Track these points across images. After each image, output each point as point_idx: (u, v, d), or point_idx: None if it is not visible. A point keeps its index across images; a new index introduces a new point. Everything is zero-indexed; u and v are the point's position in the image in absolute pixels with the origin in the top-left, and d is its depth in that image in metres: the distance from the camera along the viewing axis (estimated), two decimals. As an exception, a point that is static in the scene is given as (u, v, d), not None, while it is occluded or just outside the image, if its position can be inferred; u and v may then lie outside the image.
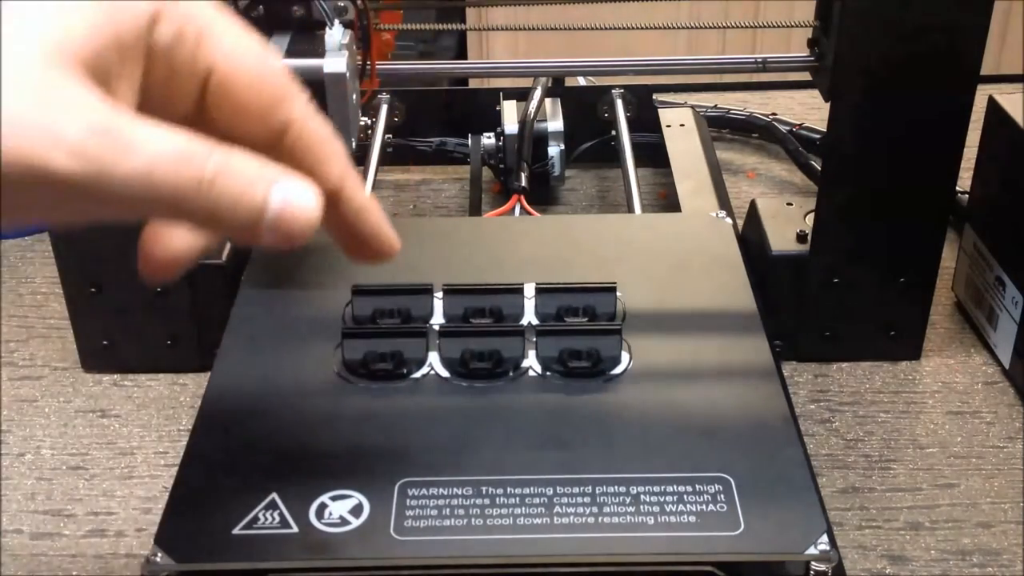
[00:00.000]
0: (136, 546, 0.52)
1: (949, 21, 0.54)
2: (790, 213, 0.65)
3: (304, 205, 0.30)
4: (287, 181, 0.30)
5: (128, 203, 0.29)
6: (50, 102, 0.27)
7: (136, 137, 0.28)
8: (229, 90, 0.32)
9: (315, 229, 0.31)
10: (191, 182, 0.29)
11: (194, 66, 0.32)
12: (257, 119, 0.33)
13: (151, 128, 0.29)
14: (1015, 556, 0.51)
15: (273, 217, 0.30)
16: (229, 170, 0.29)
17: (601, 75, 0.86)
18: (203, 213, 0.29)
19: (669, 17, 0.78)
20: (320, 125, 0.34)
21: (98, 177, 0.27)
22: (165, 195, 0.29)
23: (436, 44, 1.70)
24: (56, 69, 0.28)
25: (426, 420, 0.44)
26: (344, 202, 0.34)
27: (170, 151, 0.28)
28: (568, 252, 0.55)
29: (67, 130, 0.27)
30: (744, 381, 0.46)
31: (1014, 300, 0.61)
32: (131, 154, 0.28)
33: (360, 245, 0.36)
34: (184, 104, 0.32)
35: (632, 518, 0.39)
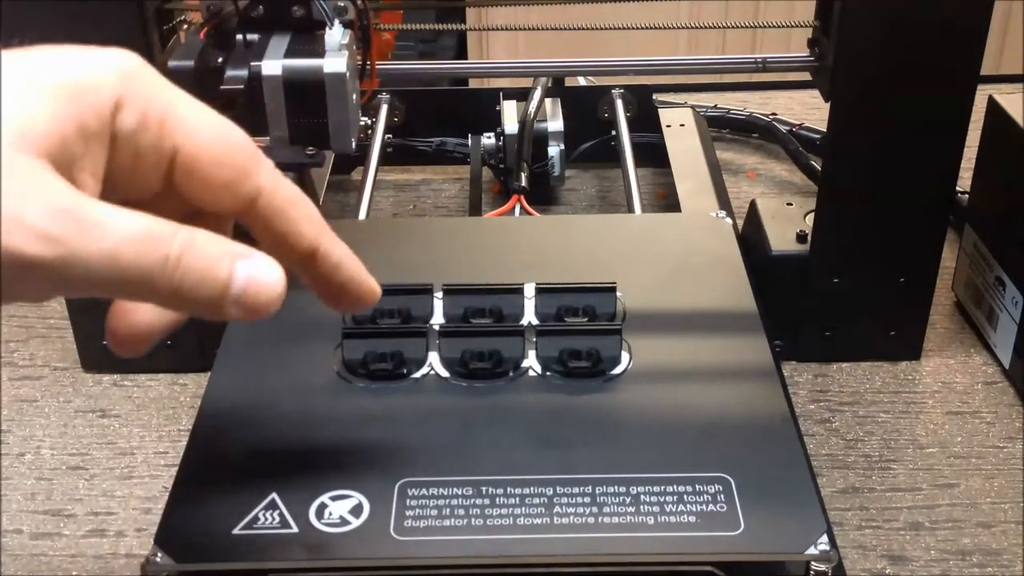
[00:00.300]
0: (136, 546, 0.52)
1: (949, 21, 0.54)
2: (790, 213, 0.65)
3: (268, 280, 0.31)
4: (250, 258, 0.31)
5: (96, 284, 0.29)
6: (15, 189, 0.28)
7: (100, 220, 0.29)
8: (195, 168, 0.33)
9: (280, 303, 0.32)
10: (157, 262, 0.30)
11: (159, 148, 0.32)
12: (225, 193, 0.33)
13: (115, 211, 0.29)
14: (1015, 556, 0.51)
15: (238, 293, 0.31)
16: (193, 249, 0.30)
17: (601, 75, 0.86)
18: (168, 292, 0.30)
19: (669, 17, 0.78)
20: (288, 188, 0.34)
21: (65, 260, 0.28)
22: (132, 276, 0.29)
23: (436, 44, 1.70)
24: (20, 157, 0.28)
25: (426, 420, 0.44)
26: (321, 259, 0.35)
27: (135, 233, 0.29)
28: (568, 252, 0.55)
29: (33, 215, 0.28)
30: (744, 381, 0.46)
31: (1014, 300, 0.61)
32: (97, 237, 0.29)
33: (341, 296, 0.37)
34: (151, 183, 0.33)
35: (632, 518, 0.39)
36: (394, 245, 0.56)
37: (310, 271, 0.35)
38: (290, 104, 0.51)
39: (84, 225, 0.29)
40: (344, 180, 0.85)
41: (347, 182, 0.85)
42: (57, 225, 0.28)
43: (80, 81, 0.30)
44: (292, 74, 0.51)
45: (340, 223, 0.70)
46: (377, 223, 0.72)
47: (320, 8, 0.54)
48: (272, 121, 0.51)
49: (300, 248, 0.35)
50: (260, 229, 0.34)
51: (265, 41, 0.53)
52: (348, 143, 0.53)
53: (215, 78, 0.51)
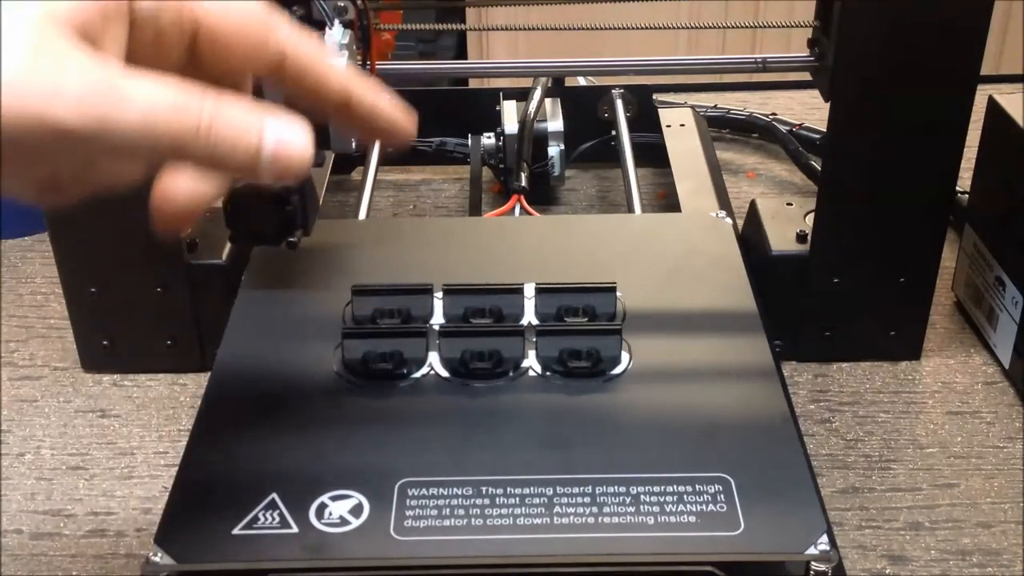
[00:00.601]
0: (136, 546, 0.52)
1: (949, 21, 0.54)
2: (790, 213, 0.65)
3: (296, 141, 0.32)
4: (277, 121, 0.32)
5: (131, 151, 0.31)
6: (49, 61, 0.29)
7: (132, 89, 0.30)
8: (218, 40, 0.33)
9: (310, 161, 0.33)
10: (189, 129, 0.30)
11: (180, 25, 0.33)
12: (250, 59, 0.34)
13: (145, 80, 0.30)
14: (1015, 556, 0.51)
15: (270, 155, 0.32)
16: (222, 115, 0.31)
17: (601, 75, 0.86)
18: (204, 156, 0.31)
19: (669, 17, 0.78)
20: (311, 45, 0.35)
21: (100, 128, 0.29)
22: (165, 142, 0.30)
23: (436, 44, 1.70)
24: (52, 29, 0.29)
25: (426, 420, 0.44)
26: (355, 105, 0.36)
27: (165, 101, 0.30)
28: (568, 252, 0.55)
29: (68, 85, 0.29)
30: (744, 381, 0.46)
31: (1014, 300, 0.61)
32: (129, 105, 0.30)
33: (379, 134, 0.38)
34: (174, 59, 0.34)
35: (632, 518, 0.39)
36: (394, 245, 0.56)
37: (347, 118, 0.37)
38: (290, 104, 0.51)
39: (116, 94, 0.29)
40: (344, 180, 0.85)
41: (347, 182, 0.85)
42: (92, 94, 0.29)
43: None
44: (292, 74, 0.51)
45: (340, 223, 0.70)
46: (377, 223, 0.72)
47: (320, 8, 0.54)
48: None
49: (332, 100, 0.36)
50: (291, 88, 0.35)
51: None
52: (348, 143, 0.53)
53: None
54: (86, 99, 0.29)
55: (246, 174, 0.32)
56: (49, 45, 0.29)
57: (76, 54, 0.30)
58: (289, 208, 0.49)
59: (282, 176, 0.33)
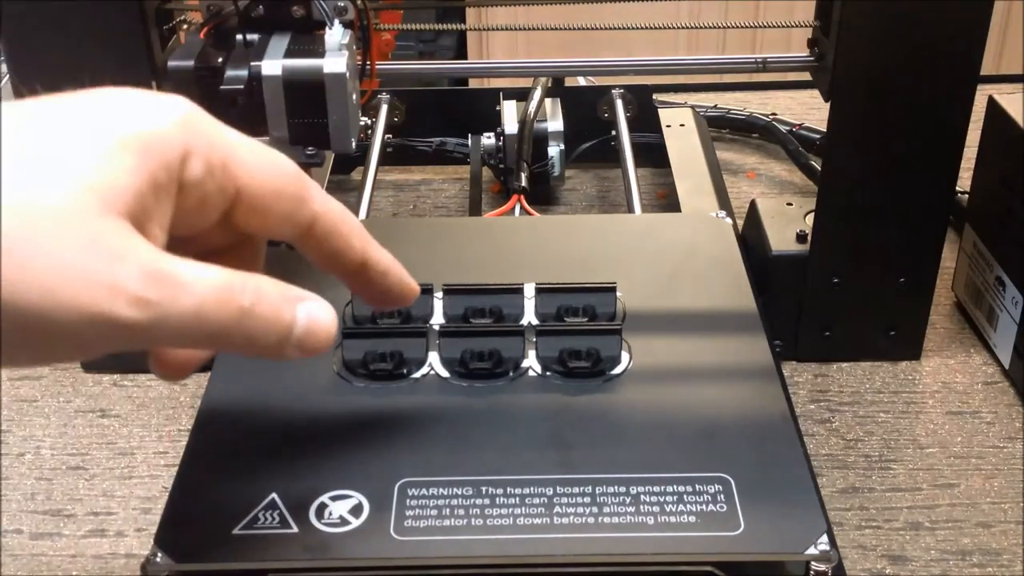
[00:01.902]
0: (136, 546, 0.52)
1: (949, 21, 0.54)
2: (790, 213, 0.65)
3: (324, 321, 0.34)
4: (308, 301, 0.34)
5: (178, 341, 0.31)
6: (108, 254, 0.29)
7: (185, 279, 0.30)
8: (256, 205, 0.34)
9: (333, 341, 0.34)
10: (234, 316, 0.31)
11: (223, 192, 0.33)
12: (284, 223, 0.35)
13: (193, 267, 0.31)
14: (1015, 556, 0.51)
15: (300, 336, 0.33)
16: (261, 298, 0.32)
17: (601, 75, 0.86)
18: (241, 340, 0.32)
19: (669, 17, 0.78)
20: (336, 208, 0.36)
21: (155, 322, 0.30)
22: (212, 331, 0.31)
23: (436, 44, 1.70)
24: (106, 219, 0.29)
25: (426, 420, 0.44)
26: (371, 269, 0.38)
27: (214, 289, 0.31)
28: (568, 252, 0.55)
29: (127, 281, 0.29)
30: (744, 381, 0.46)
31: (1014, 300, 0.61)
32: (183, 296, 0.30)
33: (386, 298, 0.39)
34: (210, 222, 0.34)
35: (632, 518, 0.39)
36: (394, 245, 0.56)
37: (359, 280, 0.38)
38: (290, 104, 0.51)
39: (172, 286, 0.30)
40: (344, 180, 0.85)
41: (347, 182, 0.85)
42: (149, 289, 0.29)
43: (149, 135, 0.31)
44: (292, 74, 0.51)
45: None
46: (377, 223, 0.72)
47: (320, 8, 0.54)
48: (272, 121, 0.51)
49: (352, 263, 0.37)
50: (314, 249, 0.36)
51: (265, 41, 0.53)
52: (348, 143, 0.53)
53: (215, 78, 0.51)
54: (143, 293, 0.29)
55: (271, 355, 0.33)
56: (106, 238, 0.29)
57: (132, 244, 0.30)
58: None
59: (307, 354, 0.34)
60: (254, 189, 0.34)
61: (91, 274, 0.28)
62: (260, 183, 0.34)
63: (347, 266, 0.37)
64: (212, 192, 0.33)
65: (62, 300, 0.28)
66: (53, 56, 0.55)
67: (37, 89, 0.32)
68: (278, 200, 0.35)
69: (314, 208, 0.35)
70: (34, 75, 0.56)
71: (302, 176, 0.35)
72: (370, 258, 0.38)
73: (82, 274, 0.28)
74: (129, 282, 0.29)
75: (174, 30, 0.59)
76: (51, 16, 0.54)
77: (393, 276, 0.39)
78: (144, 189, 0.31)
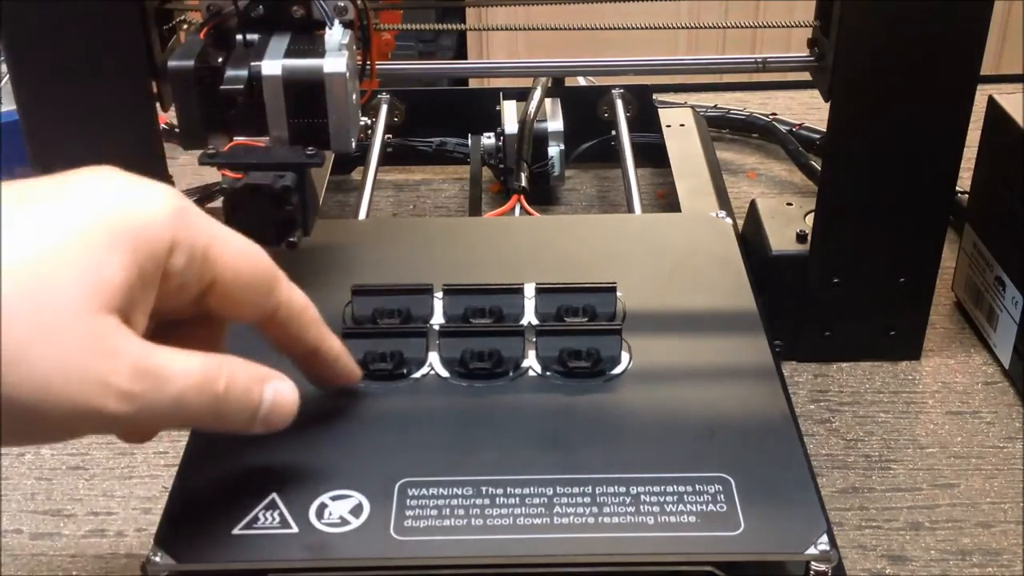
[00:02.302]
0: (136, 546, 0.52)
1: (949, 21, 0.54)
2: (790, 213, 0.65)
3: (288, 399, 0.37)
4: (275, 381, 0.37)
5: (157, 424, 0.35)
6: (101, 352, 0.31)
7: (168, 371, 0.33)
8: (228, 293, 0.37)
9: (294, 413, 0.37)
10: (210, 401, 0.34)
11: (200, 279, 0.35)
12: (251, 309, 0.38)
13: (174, 357, 0.33)
14: (1015, 556, 0.51)
15: (265, 413, 0.36)
16: (235, 381, 0.35)
17: (601, 75, 0.86)
18: (213, 422, 0.35)
19: (669, 17, 0.78)
20: (299, 298, 0.39)
21: (139, 411, 0.32)
22: (189, 415, 0.34)
23: (436, 44, 1.70)
24: (99, 318, 0.31)
25: (426, 420, 0.44)
26: (323, 354, 0.41)
27: (194, 377, 0.33)
28: (568, 252, 0.55)
29: (117, 378, 0.31)
30: (744, 381, 0.46)
31: (1014, 300, 0.61)
32: (166, 387, 0.33)
33: (332, 379, 0.43)
34: (184, 305, 0.36)
35: (632, 518, 0.39)
36: (394, 245, 0.56)
37: (308, 363, 0.41)
38: (290, 104, 0.51)
39: (157, 380, 0.32)
40: (344, 180, 0.85)
41: (347, 182, 0.85)
42: (136, 383, 0.32)
43: (140, 229, 0.33)
44: (292, 74, 0.51)
45: (340, 223, 0.70)
46: (377, 223, 0.72)
47: (320, 8, 0.54)
48: (272, 121, 0.51)
49: (305, 348, 0.40)
50: (273, 332, 0.39)
51: (265, 41, 0.53)
52: (348, 143, 0.52)
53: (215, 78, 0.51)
54: (131, 388, 0.32)
55: (237, 430, 0.36)
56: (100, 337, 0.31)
57: (122, 341, 0.32)
58: (289, 208, 0.49)
59: (270, 429, 0.37)
60: (228, 279, 0.36)
61: (85, 371, 0.31)
62: (234, 274, 0.36)
63: (300, 350, 0.40)
64: (190, 279, 0.35)
65: (58, 396, 0.30)
66: (53, 56, 0.55)
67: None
68: (249, 290, 0.37)
69: (279, 298, 0.38)
70: (34, 75, 0.56)
71: (274, 269, 0.38)
72: (322, 346, 0.41)
73: (77, 373, 0.31)
74: (119, 379, 0.31)
75: (174, 30, 0.59)
76: (51, 16, 0.54)
77: (340, 363, 0.42)
78: (134, 282, 0.32)
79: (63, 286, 0.31)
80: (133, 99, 0.57)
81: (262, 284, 0.37)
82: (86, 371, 0.31)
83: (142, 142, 0.58)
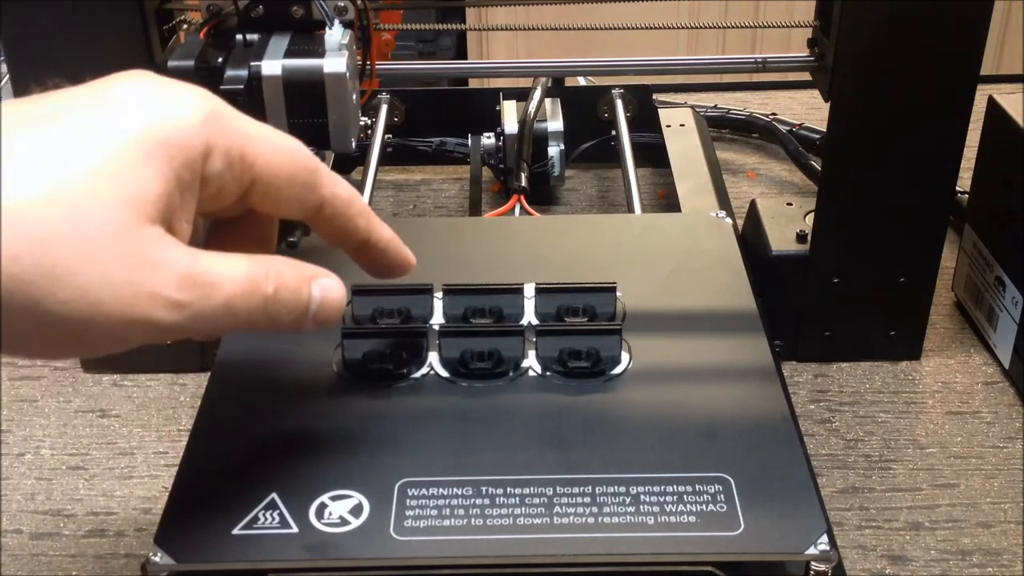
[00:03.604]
0: (136, 546, 0.52)
1: (949, 21, 0.54)
2: (790, 213, 0.65)
3: (335, 295, 0.37)
4: (322, 277, 0.37)
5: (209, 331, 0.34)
6: (147, 264, 0.31)
7: (215, 277, 0.33)
8: (269, 191, 0.36)
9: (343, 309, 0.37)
10: (260, 304, 0.34)
11: (240, 180, 0.35)
12: (295, 206, 0.37)
13: (220, 261, 0.33)
14: (1015, 556, 0.51)
15: (315, 310, 0.36)
16: (282, 283, 0.35)
17: (601, 75, 0.86)
18: (265, 323, 0.35)
19: (669, 17, 0.78)
20: (344, 191, 0.39)
21: (189, 319, 0.32)
22: (239, 319, 0.34)
23: (436, 44, 1.70)
24: (142, 230, 0.32)
25: (426, 420, 0.44)
26: (373, 244, 0.41)
27: (241, 282, 0.34)
28: (568, 252, 0.55)
29: (165, 287, 0.32)
30: (744, 381, 0.46)
31: (1014, 300, 0.61)
32: (214, 295, 0.33)
33: (383, 270, 0.42)
34: (226, 206, 0.36)
35: (632, 518, 0.39)
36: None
37: (361, 254, 0.41)
38: (290, 104, 0.51)
39: (204, 287, 0.33)
40: (344, 180, 0.85)
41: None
42: (184, 292, 0.32)
43: (175, 136, 0.33)
44: (292, 74, 0.51)
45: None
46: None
47: (320, 8, 0.54)
48: (272, 121, 0.51)
49: (356, 240, 0.40)
50: (321, 226, 0.39)
51: (265, 41, 0.53)
52: (348, 143, 0.53)
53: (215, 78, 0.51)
54: (179, 297, 0.32)
55: (289, 330, 0.36)
56: (144, 249, 0.31)
57: (167, 250, 0.32)
58: (289, 208, 0.49)
59: (320, 327, 0.36)
60: (268, 177, 0.36)
61: (133, 286, 0.31)
62: (274, 172, 0.36)
63: (350, 243, 0.40)
64: (229, 182, 0.35)
65: (108, 310, 0.31)
66: (53, 56, 0.55)
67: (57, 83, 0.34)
68: (290, 186, 0.36)
69: (323, 193, 0.37)
70: (34, 75, 0.56)
71: (314, 163, 0.37)
72: (371, 237, 0.40)
73: (125, 287, 0.31)
74: (167, 288, 0.32)
75: (174, 30, 0.59)
76: (51, 16, 0.54)
77: (391, 252, 0.41)
78: (172, 191, 0.32)
79: (102, 204, 0.31)
80: (133, 99, 0.57)
81: (303, 181, 0.37)
82: (134, 284, 0.31)
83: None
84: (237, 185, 0.35)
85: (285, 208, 0.37)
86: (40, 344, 0.32)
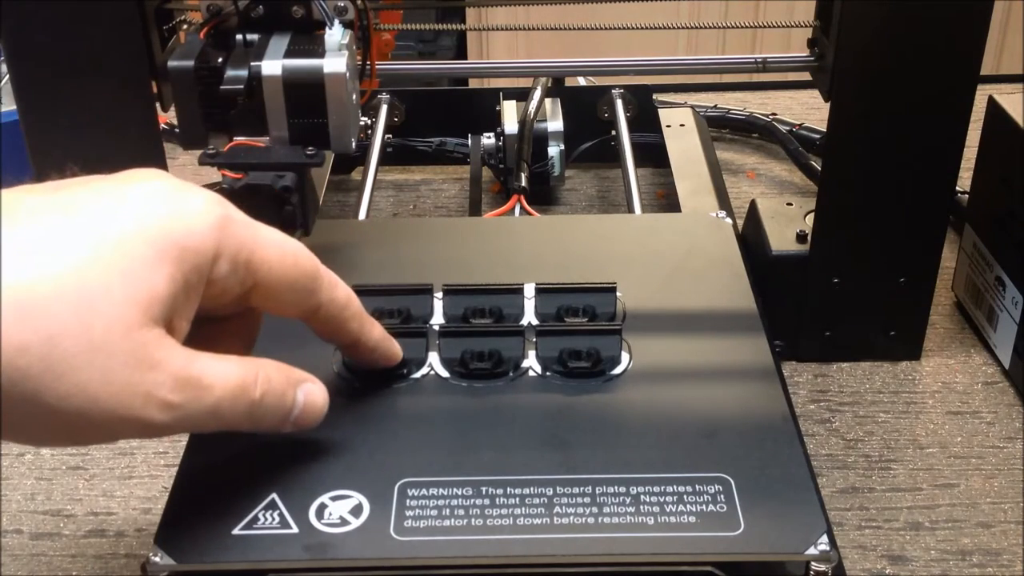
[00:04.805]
0: (136, 546, 0.52)
1: (949, 21, 0.54)
2: (790, 213, 0.65)
3: (318, 400, 0.39)
4: (307, 383, 0.38)
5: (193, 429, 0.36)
6: (146, 365, 0.32)
7: (207, 380, 0.34)
8: (271, 293, 0.37)
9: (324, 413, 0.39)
10: (246, 408, 0.35)
11: (243, 284, 0.36)
12: (292, 309, 0.39)
13: (212, 364, 0.34)
14: (1015, 556, 0.51)
15: (296, 415, 0.38)
16: (270, 387, 0.36)
17: (601, 75, 0.86)
18: (247, 424, 0.36)
19: (669, 17, 0.78)
20: (341, 294, 0.40)
21: (178, 419, 0.33)
22: (224, 422, 0.35)
23: (436, 44, 1.70)
24: (145, 331, 0.32)
25: (426, 420, 0.44)
26: (363, 344, 0.42)
27: (231, 385, 0.35)
28: (568, 252, 0.55)
29: (160, 389, 0.33)
30: (744, 381, 0.46)
31: (1014, 300, 0.61)
32: (205, 397, 0.34)
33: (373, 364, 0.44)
34: (225, 307, 0.37)
35: (632, 518, 0.39)
36: (394, 245, 0.56)
37: (351, 350, 0.43)
38: (290, 104, 0.51)
39: (196, 390, 0.33)
40: (344, 180, 0.85)
41: (347, 182, 0.85)
42: (178, 394, 0.33)
43: (187, 241, 0.34)
44: (292, 74, 0.51)
45: (340, 223, 0.70)
46: (377, 223, 0.72)
47: (320, 8, 0.54)
48: (272, 121, 0.51)
49: (347, 340, 0.42)
50: (316, 326, 0.40)
51: (265, 41, 0.53)
52: (348, 143, 0.53)
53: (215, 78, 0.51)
54: (171, 398, 0.33)
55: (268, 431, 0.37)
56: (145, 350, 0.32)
57: (166, 352, 0.33)
58: (289, 208, 0.49)
59: (300, 429, 0.38)
60: (271, 282, 0.37)
61: (131, 385, 0.32)
62: (277, 277, 0.37)
63: (342, 342, 0.42)
64: (233, 284, 0.36)
65: (104, 407, 0.32)
66: (53, 56, 0.55)
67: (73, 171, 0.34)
68: (291, 291, 0.38)
69: (320, 298, 0.39)
70: (34, 75, 0.56)
71: (316, 268, 0.38)
72: (362, 338, 0.42)
73: (123, 385, 0.32)
74: (162, 390, 0.33)
75: (174, 30, 0.59)
76: (51, 16, 0.54)
77: (380, 351, 0.43)
78: (178, 292, 0.33)
79: (113, 303, 0.31)
80: (133, 99, 0.57)
81: (304, 286, 0.38)
82: (131, 384, 0.32)
83: (142, 142, 0.58)
84: (240, 287, 0.36)
85: (283, 309, 0.38)
86: (36, 433, 0.33)
